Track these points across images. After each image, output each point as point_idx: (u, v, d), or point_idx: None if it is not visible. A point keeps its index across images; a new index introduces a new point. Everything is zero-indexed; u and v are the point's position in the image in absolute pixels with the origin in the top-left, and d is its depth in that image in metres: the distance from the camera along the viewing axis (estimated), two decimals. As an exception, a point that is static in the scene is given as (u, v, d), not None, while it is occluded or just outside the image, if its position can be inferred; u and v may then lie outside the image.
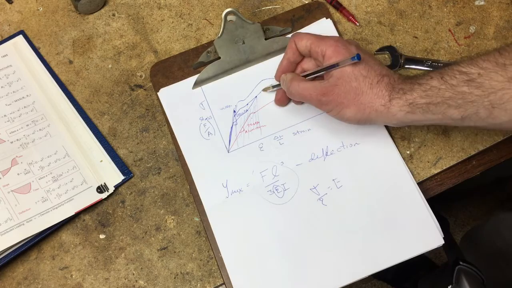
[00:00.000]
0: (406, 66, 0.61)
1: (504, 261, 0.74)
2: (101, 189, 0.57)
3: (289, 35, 0.62)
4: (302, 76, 0.54)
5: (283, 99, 0.58)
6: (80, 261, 0.55)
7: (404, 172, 0.55)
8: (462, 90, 0.44)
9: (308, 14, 0.63)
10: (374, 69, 0.49)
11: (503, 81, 0.43)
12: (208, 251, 0.55)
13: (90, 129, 0.60)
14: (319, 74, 0.52)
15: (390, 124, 0.52)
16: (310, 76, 0.53)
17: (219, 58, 0.60)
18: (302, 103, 0.58)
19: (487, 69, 0.44)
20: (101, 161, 0.58)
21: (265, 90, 0.59)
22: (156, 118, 0.60)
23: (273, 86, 0.58)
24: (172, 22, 0.65)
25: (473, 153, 0.57)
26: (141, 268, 0.55)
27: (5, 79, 0.62)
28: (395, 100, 0.47)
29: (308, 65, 0.55)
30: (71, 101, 0.61)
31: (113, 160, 0.58)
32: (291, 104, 0.59)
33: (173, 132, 0.58)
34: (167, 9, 0.66)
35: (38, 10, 0.66)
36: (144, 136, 0.60)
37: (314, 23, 0.62)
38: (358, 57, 0.47)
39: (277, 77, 0.57)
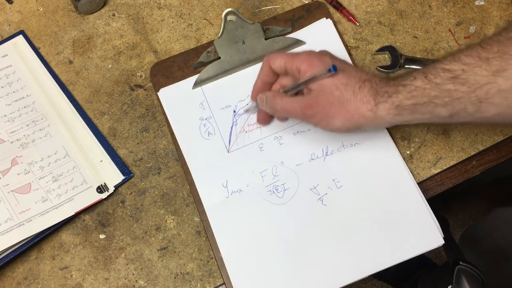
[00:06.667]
0: (406, 66, 0.61)
1: (504, 257, 0.74)
2: (101, 189, 0.57)
3: (289, 35, 0.62)
4: (282, 92, 0.53)
5: (266, 118, 0.57)
6: (80, 261, 0.55)
7: (404, 172, 0.55)
8: (447, 88, 0.44)
9: (308, 14, 0.63)
10: (353, 76, 0.48)
11: (487, 75, 0.42)
12: (208, 251, 0.55)
13: (90, 129, 0.60)
14: (298, 89, 0.51)
15: (380, 128, 0.52)
16: (290, 92, 0.52)
17: (219, 58, 0.60)
18: (286, 119, 0.58)
19: (471, 64, 0.43)
20: (101, 161, 0.58)
21: (247, 111, 0.58)
22: (156, 118, 0.60)
23: (255, 107, 0.57)
24: (172, 22, 0.65)
25: (473, 153, 0.57)
26: (141, 268, 0.55)
27: (5, 79, 0.62)
28: (381, 104, 0.47)
29: (286, 81, 0.54)
30: (71, 101, 0.61)
31: (113, 160, 0.58)
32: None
33: (173, 132, 0.58)
34: (167, 9, 0.66)
35: (38, 10, 0.66)
36: (144, 136, 0.60)
37: (314, 23, 0.62)
38: (334, 68, 0.46)
39: (253, 97, 0.56)
